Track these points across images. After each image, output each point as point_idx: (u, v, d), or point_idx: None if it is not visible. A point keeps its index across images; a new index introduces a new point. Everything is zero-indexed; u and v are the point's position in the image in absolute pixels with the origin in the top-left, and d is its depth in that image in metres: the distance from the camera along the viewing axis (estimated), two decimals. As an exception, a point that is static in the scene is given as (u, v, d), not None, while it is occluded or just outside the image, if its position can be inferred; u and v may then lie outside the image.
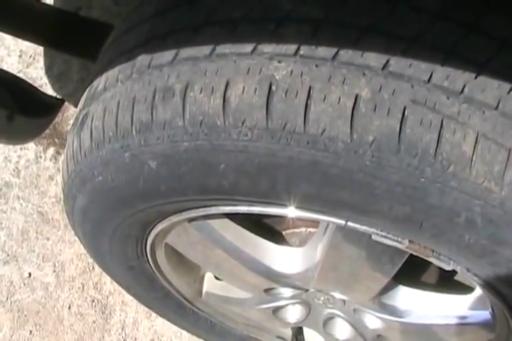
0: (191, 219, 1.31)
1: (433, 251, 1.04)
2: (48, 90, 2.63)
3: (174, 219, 1.28)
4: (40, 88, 2.48)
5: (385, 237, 1.05)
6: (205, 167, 1.02)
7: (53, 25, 1.83)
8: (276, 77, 0.92)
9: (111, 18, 2.45)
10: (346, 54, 0.91)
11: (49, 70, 2.66)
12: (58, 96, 2.50)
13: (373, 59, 0.90)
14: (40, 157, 2.65)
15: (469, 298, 1.33)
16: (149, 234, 1.39)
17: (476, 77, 0.88)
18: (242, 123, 0.94)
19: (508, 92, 0.88)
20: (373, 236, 1.06)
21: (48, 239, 2.55)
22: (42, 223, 2.56)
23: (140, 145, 1.06)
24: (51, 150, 2.63)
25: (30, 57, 2.70)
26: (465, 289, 1.32)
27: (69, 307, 2.47)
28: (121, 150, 1.09)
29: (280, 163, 0.95)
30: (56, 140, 2.64)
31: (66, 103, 2.42)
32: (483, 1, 0.92)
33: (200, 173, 1.04)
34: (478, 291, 1.26)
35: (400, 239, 1.05)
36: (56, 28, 1.83)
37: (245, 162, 0.98)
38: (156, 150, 1.04)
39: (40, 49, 2.65)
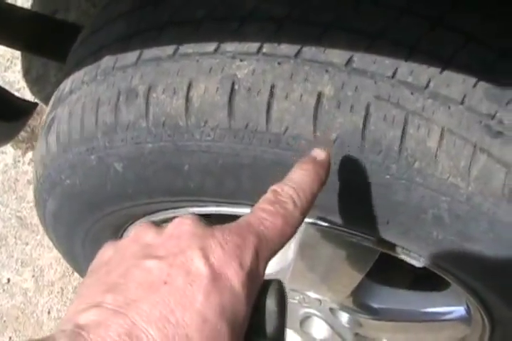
0: (163, 221, 1.30)
1: (403, 249, 1.04)
2: (26, 94, 2.61)
3: (145, 221, 1.27)
4: (18, 92, 2.48)
5: (354, 235, 1.04)
6: (170, 168, 1.01)
7: (29, 29, 1.81)
8: (239, 76, 0.91)
9: (88, 20, 2.43)
10: (309, 51, 0.90)
11: (27, 74, 2.64)
12: (33, 101, 2.49)
13: (336, 55, 0.89)
14: (19, 161, 2.63)
15: (444, 295, 1.33)
16: (121, 236, 1.38)
17: (441, 72, 0.87)
18: (205, 124, 0.93)
19: (474, 86, 0.87)
20: (343, 235, 1.06)
21: (26, 243, 2.53)
22: (20, 228, 2.54)
23: (105, 147, 1.05)
24: (29, 155, 2.61)
25: (8, 60, 2.68)
26: (440, 286, 1.31)
27: (48, 312, 2.45)
28: (87, 153, 1.08)
29: (244, 163, 0.94)
30: (34, 144, 2.61)
31: (44, 106, 2.41)
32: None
33: (166, 175, 1.03)
34: (453, 287, 1.25)
35: (369, 237, 1.04)
36: (32, 32, 1.82)
37: (209, 162, 0.97)
38: (121, 153, 1.03)
39: (18, 53, 2.63)
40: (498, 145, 0.86)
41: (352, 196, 0.94)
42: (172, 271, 0.61)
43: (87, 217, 1.28)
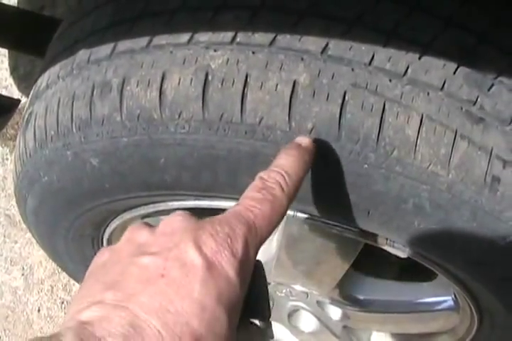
0: (144, 216, 1.28)
1: (387, 239, 1.02)
2: (14, 91, 2.59)
3: (126, 216, 1.26)
4: (5, 89, 2.46)
5: (335, 226, 1.03)
6: (145, 162, 0.99)
7: (15, 27, 1.80)
8: (212, 66, 0.90)
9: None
10: (284, 39, 0.88)
11: (14, 71, 2.62)
12: (20, 97, 2.48)
13: (312, 43, 0.87)
14: (7, 159, 2.61)
15: (432, 285, 1.32)
16: (104, 232, 1.37)
17: (419, 58, 0.86)
18: (179, 116, 0.91)
19: (454, 72, 0.85)
20: (324, 226, 1.04)
21: (15, 242, 2.51)
22: (9, 226, 2.52)
23: (81, 142, 1.03)
24: (17, 152, 2.59)
25: (-5, 58, 2.67)
26: (427, 276, 1.30)
27: (38, 311, 2.44)
28: (64, 148, 1.06)
29: (220, 155, 0.93)
30: (22, 141, 2.59)
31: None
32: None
33: (142, 169, 1.01)
34: (440, 278, 1.24)
35: (351, 228, 1.02)
36: (18, 30, 1.80)
37: (185, 155, 0.95)
38: (97, 148, 1.02)
39: (5, 50, 2.61)
40: (479, 132, 0.85)
41: (331, 186, 0.92)
42: (168, 264, 0.63)
43: (67, 213, 1.26)
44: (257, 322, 0.72)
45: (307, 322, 1.59)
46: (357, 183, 0.90)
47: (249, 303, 0.68)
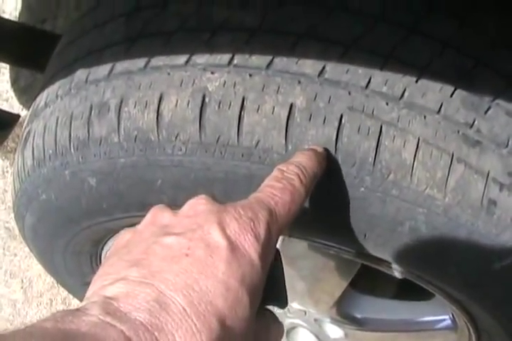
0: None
1: (384, 260, 1.02)
2: (15, 104, 2.59)
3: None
4: (6, 102, 2.46)
5: (332, 248, 1.03)
6: (142, 183, 0.99)
7: (16, 42, 1.80)
8: (210, 89, 0.90)
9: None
10: (281, 62, 0.88)
11: (15, 83, 2.61)
12: (21, 110, 2.48)
13: (309, 66, 0.87)
14: (7, 172, 2.60)
15: (430, 304, 1.32)
16: (102, 249, 1.37)
17: (416, 81, 0.86)
18: (176, 138, 0.91)
19: (451, 95, 0.86)
20: (321, 247, 1.04)
21: (15, 254, 2.51)
22: (9, 239, 2.52)
23: (79, 162, 1.03)
24: (18, 165, 2.58)
25: (-5, 70, 2.66)
26: (425, 295, 1.30)
27: (37, 324, 2.43)
28: (62, 168, 1.06)
29: (216, 177, 0.93)
30: (23, 154, 2.58)
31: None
32: (424, 1, 0.89)
33: (139, 190, 1.01)
34: (437, 297, 1.24)
35: (347, 249, 1.02)
36: (19, 45, 1.80)
37: (181, 177, 0.95)
38: (95, 168, 1.02)
39: (5, 62, 2.61)
40: (476, 155, 0.85)
41: (328, 209, 0.92)
42: (192, 244, 0.64)
43: (64, 231, 1.26)
44: (274, 308, 0.74)
45: (305, 339, 1.59)
46: (353, 206, 0.90)
47: (266, 289, 0.68)
